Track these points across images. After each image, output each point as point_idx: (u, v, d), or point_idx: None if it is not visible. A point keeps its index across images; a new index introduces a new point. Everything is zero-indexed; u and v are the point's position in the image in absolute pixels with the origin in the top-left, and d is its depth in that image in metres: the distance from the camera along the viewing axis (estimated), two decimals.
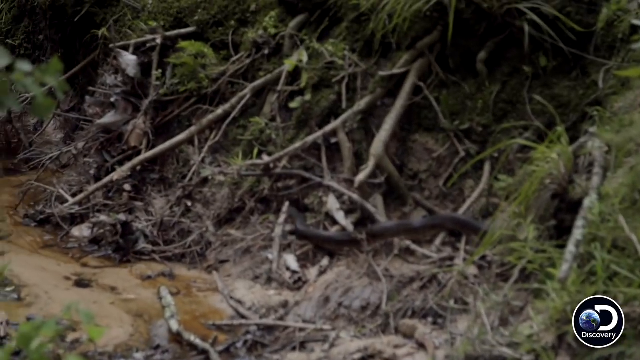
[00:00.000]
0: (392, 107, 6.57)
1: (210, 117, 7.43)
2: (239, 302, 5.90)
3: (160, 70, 7.86)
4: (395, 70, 6.65)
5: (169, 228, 6.95)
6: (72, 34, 9.70)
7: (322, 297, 5.72)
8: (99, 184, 7.47)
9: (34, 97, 2.79)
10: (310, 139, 6.71)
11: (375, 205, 6.30)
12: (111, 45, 8.21)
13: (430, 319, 5.31)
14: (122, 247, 6.78)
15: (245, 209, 6.75)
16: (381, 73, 6.69)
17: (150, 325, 5.65)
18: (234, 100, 7.40)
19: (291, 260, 6.14)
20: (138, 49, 8.12)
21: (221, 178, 6.96)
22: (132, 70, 7.94)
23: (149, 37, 8.14)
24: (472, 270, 5.48)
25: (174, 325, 5.50)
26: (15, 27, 11.14)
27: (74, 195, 7.61)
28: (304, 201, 6.56)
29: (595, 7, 6.08)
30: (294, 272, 6.05)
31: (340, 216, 6.27)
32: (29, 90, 2.75)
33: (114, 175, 7.40)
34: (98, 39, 8.78)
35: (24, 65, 2.74)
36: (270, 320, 5.59)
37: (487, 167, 6.21)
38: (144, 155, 7.56)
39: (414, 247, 5.94)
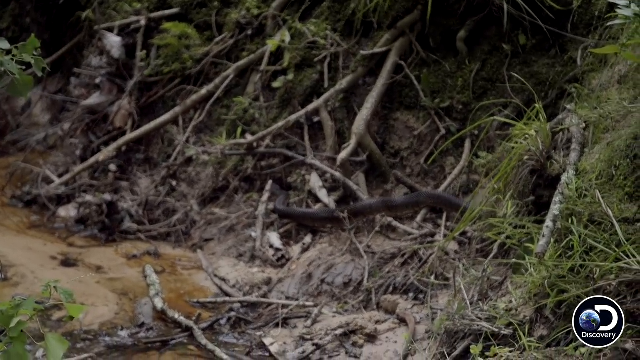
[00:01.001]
0: (374, 85, 6.61)
1: (194, 97, 7.46)
2: (223, 279, 5.95)
3: (144, 52, 7.88)
4: (377, 50, 6.69)
5: (154, 207, 6.99)
6: (58, 17, 9.68)
7: (304, 274, 5.77)
8: (85, 164, 7.50)
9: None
10: (293, 117, 6.75)
11: (358, 183, 6.35)
12: (96, 27, 8.21)
13: (411, 295, 5.37)
14: (107, 227, 6.82)
15: (229, 187, 6.80)
16: (363, 52, 6.73)
17: (135, 303, 5.69)
18: (217, 80, 7.43)
19: (274, 238, 6.18)
20: (123, 31, 8.13)
21: (205, 157, 7.00)
22: (116, 52, 7.96)
23: (134, 18, 8.16)
24: (453, 246, 5.54)
25: (159, 303, 5.55)
26: (2, 10, 11.11)
27: (60, 175, 7.63)
28: (287, 179, 6.61)
29: None
30: (277, 249, 6.10)
31: (322, 194, 6.32)
32: (6, 67, 2.77)
33: (100, 156, 7.43)
34: (83, 21, 8.77)
35: (1, 43, 2.76)
36: (253, 298, 5.66)
37: (467, 144, 6.27)
38: (129, 136, 7.59)
39: (395, 223, 6.00)
